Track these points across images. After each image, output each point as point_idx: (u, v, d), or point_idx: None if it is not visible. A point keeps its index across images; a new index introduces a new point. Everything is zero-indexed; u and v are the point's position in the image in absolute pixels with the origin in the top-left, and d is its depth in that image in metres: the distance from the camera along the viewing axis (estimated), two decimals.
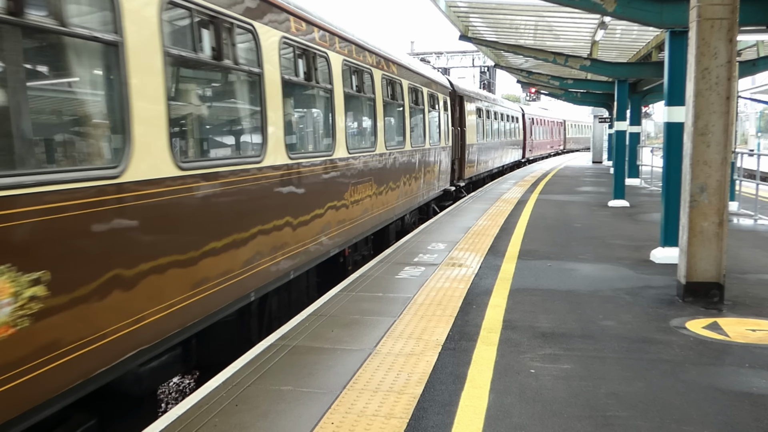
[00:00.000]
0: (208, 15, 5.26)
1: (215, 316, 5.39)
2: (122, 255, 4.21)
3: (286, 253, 6.80)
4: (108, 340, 4.06)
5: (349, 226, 8.91)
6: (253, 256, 6.03)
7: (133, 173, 4.31)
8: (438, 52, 49.63)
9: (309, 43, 7.43)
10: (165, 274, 4.65)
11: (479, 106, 22.75)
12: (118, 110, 4.27)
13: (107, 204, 4.07)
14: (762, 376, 4.80)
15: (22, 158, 3.59)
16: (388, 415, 4.11)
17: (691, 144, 6.89)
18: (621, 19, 10.35)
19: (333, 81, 8.20)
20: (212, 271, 5.29)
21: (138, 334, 4.34)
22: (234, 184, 5.66)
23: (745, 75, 17.57)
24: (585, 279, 7.93)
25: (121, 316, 4.18)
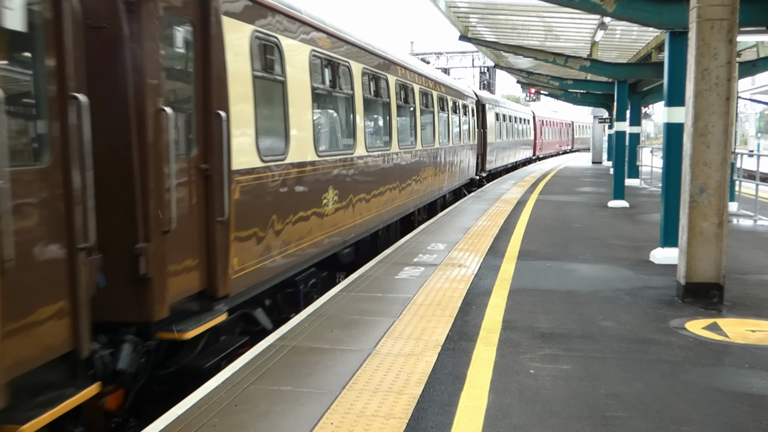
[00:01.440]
0: (330, 59, 8.34)
1: (367, 233, 10.01)
2: (315, 200, 7.72)
3: (394, 204, 11.44)
4: (331, 236, 8.26)
5: (416, 196, 13.24)
6: (384, 203, 10.72)
7: (291, 158, 7.00)
8: (438, 53, 49.65)
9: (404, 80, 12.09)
10: (341, 212, 8.58)
11: (497, 111, 26.92)
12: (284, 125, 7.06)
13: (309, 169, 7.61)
14: (761, 377, 4.80)
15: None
16: (388, 416, 4.11)
17: (691, 145, 6.89)
18: (621, 19, 10.36)
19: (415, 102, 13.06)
20: (364, 209, 9.61)
21: (339, 236, 8.51)
22: (362, 162, 9.57)
23: (745, 76, 17.61)
24: (584, 279, 7.93)
25: (337, 227, 8.45)
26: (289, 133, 7.00)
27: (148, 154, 4.68)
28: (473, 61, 49.01)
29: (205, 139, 5.44)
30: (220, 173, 5.47)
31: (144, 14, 4.62)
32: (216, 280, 5.48)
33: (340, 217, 8.57)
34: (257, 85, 6.23)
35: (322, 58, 8.00)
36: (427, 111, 14.19)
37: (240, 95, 5.90)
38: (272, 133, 6.79)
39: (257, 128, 6.24)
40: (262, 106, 6.44)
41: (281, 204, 6.78)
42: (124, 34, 4.59)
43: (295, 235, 7.09)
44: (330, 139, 8.71)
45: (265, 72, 6.45)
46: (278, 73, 6.77)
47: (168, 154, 4.83)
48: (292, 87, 7.06)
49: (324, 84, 8.22)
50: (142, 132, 4.67)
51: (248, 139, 6.10)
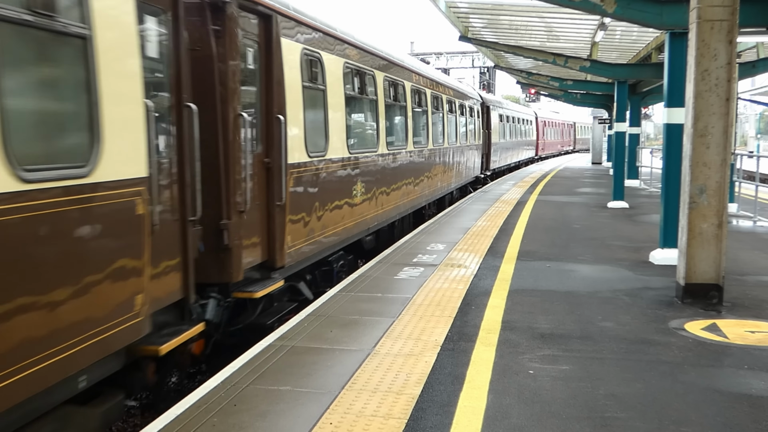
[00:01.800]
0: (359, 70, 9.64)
1: (386, 223, 11.20)
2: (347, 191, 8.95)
3: (409, 198, 12.71)
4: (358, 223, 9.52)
5: (428, 191, 14.41)
6: (401, 196, 12.04)
7: (329, 155, 8.29)
8: (438, 53, 49.62)
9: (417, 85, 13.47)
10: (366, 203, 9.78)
11: (500, 112, 28.20)
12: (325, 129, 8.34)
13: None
14: (761, 378, 4.80)
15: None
16: (387, 416, 4.11)
17: (691, 145, 6.89)
18: (621, 20, 10.35)
19: (427, 105, 14.27)
20: (384, 201, 10.82)
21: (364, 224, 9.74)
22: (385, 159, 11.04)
23: (745, 76, 17.60)
24: (584, 280, 7.93)
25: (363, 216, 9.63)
26: (328, 132, 8.30)
27: (229, 149, 5.82)
28: (473, 61, 48.99)
29: (267, 138, 6.70)
30: (279, 166, 6.73)
31: (227, 39, 5.79)
32: (274, 254, 6.79)
33: (366, 207, 9.89)
34: (305, 93, 7.50)
35: (352, 69, 9.31)
36: (437, 113, 15.51)
37: (293, 102, 7.13)
38: (316, 133, 7.97)
39: (305, 129, 7.50)
40: (309, 111, 7.67)
41: (322, 193, 8.09)
42: (213, 54, 5.74)
43: (331, 220, 8.40)
44: (358, 138, 9.87)
45: (311, 82, 7.73)
46: (320, 83, 8.08)
47: (243, 150, 6.04)
48: (330, 94, 8.37)
49: (354, 91, 9.45)
50: (225, 132, 5.79)
51: (299, 137, 7.36)
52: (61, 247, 3.72)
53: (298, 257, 7.35)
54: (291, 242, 7.08)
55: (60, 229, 3.72)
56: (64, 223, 3.74)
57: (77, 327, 3.85)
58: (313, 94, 7.87)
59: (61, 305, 3.71)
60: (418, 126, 13.60)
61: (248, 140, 6.19)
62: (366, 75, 9.98)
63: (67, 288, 3.75)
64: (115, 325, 4.21)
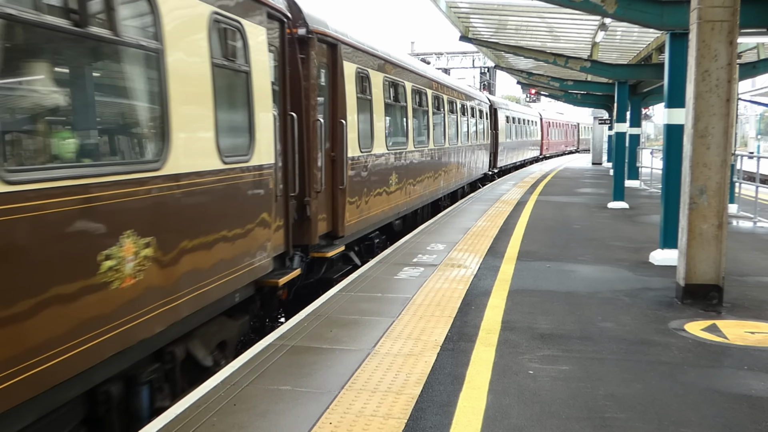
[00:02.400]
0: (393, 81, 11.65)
1: (411, 210, 13.09)
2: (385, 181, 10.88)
3: (429, 190, 14.49)
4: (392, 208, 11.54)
5: (444, 184, 16.41)
6: (423, 188, 13.90)
7: (374, 151, 10.28)
8: (438, 53, 49.63)
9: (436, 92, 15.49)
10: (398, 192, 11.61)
11: (507, 114, 30.41)
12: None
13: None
14: (760, 379, 4.80)
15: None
16: (387, 416, 4.11)
17: (691, 146, 6.89)
18: (622, 20, 10.35)
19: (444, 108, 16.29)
20: (411, 191, 12.68)
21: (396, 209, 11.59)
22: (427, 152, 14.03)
23: (746, 77, 17.60)
24: (584, 280, 7.93)
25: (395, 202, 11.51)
26: (373, 133, 10.31)
27: (311, 146, 7.89)
28: (473, 61, 49.00)
29: (333, 137, 8.72)
30: (342, 159, 8.79)
31: (309, 64, 7.87)
32: (337, 226, 8.88)
33: (398, 195, 11.93)
34: (358, 102, 9.52)
35: (389, 81, 11.37)
36: (451, 115, 17.49)
37: (350, 109, 9.13)
38: (365, 133, 9.94)
39: (358, 130, 9.51)
40: (360, 115, 9.66)
41: (369, 181, 10.14)
42: (300, 75, 7.73)
43: (374, 204, 10.44)
44: (393, 137, 11.84)
45: (361, 93, 9.75)
46: (367, 94, 10.08)
47: (320, 146, 8.04)
48: (374, 102, 10.41)
49: (390, 99, 11.47)
50: (309, 133, 7.84)
51: (354, 136, 9.33)
52: (238, 202, 5.75)
53: (351, 230, 9.38)
54: (348, 218, 9.15)
55: (237, 192, 5.73)
56: (239, 189, 5.75)
57: (241, 258, 5.77)
58: (363, 103, 9.86)
59: (238, 239, 5.67)
60: (436, 127, 15.50)
61: (322, 139, 8.09)
62: (399, 86, 12.09)
63: (240, 229, 5.72)
64: (257, 260, 6.11)
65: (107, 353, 4.04)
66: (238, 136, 5.85)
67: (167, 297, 4.64)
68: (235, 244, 5.64)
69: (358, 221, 9.56)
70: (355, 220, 9.46)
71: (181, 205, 4.83)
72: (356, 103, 9.36)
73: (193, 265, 4.97)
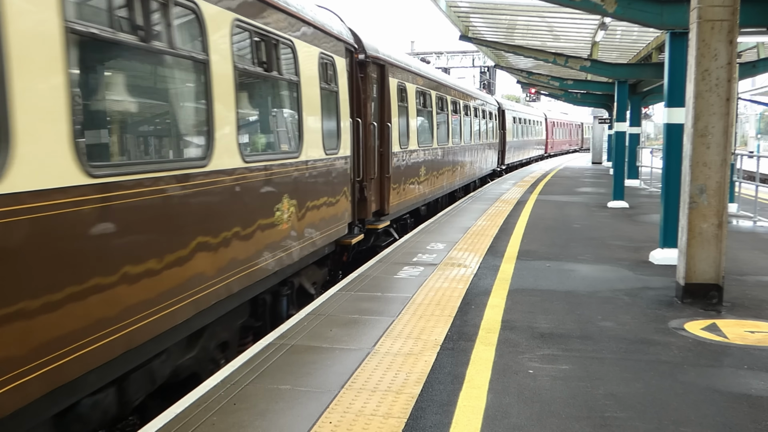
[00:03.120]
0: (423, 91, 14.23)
1: (434, 197, 15.44)
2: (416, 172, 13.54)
3: (448, 181, 16.98)
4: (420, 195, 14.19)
5: (459, 177, 18.83)
6: (444, 179, 16.40)
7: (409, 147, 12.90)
8: (438, 52, 49.60)
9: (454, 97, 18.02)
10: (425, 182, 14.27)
11: (514, 115, 33.34)
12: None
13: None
14: (760, 378, 4.80)
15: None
16: (386, 415, 4.11)
17: (691, 145, 6.89)
18: (621, 20, 10.34)
19: (460, 111, 18.72)
20: (434, 182, 15.16)
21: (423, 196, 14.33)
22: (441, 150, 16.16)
23: (745, 76, 17.58)
24: (584, 280, 7.93)
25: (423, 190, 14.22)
26: (409, 133, 12.92)
27: (368, 143, 10.25)
28: (473, 60, 48.96)
29: (381, 136, 10.97)
30: (388, 153, 11.14)
31: (366, 81, 10.20)
32: (384, 206, 11.25)
33: (425, 185, 14.37)
34: (398, 108, 12.07)
35: (419, 91, 13.87)
36: (466, 117, 19.91)
37: (393, 114, 11.62)
38: (403, 133, 12.49)
39: (399, 131, 12.08)
40: (400, 119, 12.21)
41: (405, 172, 12.66)
42: (359, 90, 10.01)
43: (409, 191, 12.96)
44: (422, 136, 14.25)
45: (400, 102, 12.24)
46: (405, 102, 12.58)
47: (372, 144, 10.43)
48: (410, 108, 12.93)
49: (420, 105, 13.90)
50: (366, 134, 10.09)
51: (395, 135, 11.80)
52: (333, 179, 8.30)
53: (393, 210, 11.81)
54: (391, 200, 11.57)
55: (333, 173, 8.28)
56: (334, 171, 8.30)
57: (333, 219, 8.30)
58: (401, 109, 12.33)
59: (332, 206, 8.21)
60: (453, 127, 17.87)
61: (374, 138, 10.55)
62: (426, 94, 14.56)
63: (334, 199, 8.31)
64: (340, 225, 8.65)
65: (271, 271, 6.42)
66: (333, 136, 8.39)
67: (300, 240, 7.16)
68: (330, 210, 8.24)
69: (397, 204, 12.14)
70: (396, 203, 11.99)
71: (307, 179, 7.44)
72: (397, 109, 11.94)
73: (311, 220, 7.52)
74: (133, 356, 4.33)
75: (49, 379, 3.51)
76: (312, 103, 7.54)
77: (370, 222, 10.62)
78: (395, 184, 11.76)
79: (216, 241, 5.34)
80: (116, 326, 4.06)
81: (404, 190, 12.52)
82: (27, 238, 3.35)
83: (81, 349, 3.74)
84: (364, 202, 10.08)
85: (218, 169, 5.36)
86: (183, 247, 4.83)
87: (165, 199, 4.64)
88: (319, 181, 7.79)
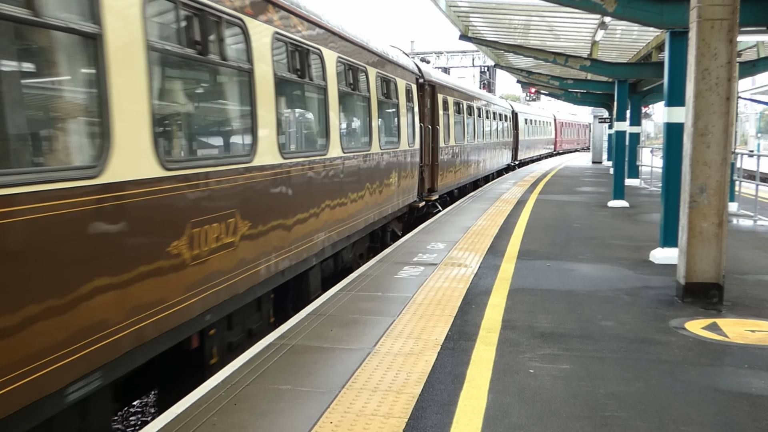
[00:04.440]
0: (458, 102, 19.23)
1: (464, 183, 20.57)
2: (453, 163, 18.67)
3: (474, 171, 21.98)
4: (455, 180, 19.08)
5: (482, 169, 23.37)
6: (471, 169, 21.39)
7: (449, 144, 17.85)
8: (438, 52, 49.63)
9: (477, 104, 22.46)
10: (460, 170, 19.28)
11: (525, 117, 37.51)
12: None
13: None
14: (761, 377, 4.80)
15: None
16: (387, 415, 4.11)
17: (691, 144, 6.88)
18: (621, 19, 10.35)
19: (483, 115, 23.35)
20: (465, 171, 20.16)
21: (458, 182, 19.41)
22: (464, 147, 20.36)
23: (745, 76, 17.59)
24: (584, 279, 7.93)
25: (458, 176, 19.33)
26: (449, 132, 17.14)
27: (423, 140, 14.24)
28: (473, 60, 49.01)
29: (432, 136, 15.12)
30: (437, 147, 15.50)
31: (424, 96, 14.49)
32: (434, 185, 15.35)
33: (459, 173, 18.94)
34: (443, 115, 16.12)
35: (456, 101, 18.11)
36: (487, 120, 24.34)
37: (439, 120, 15.72)
38: (445, 132, 16.59)
39: (443, 131, 16.05)
40: (444, 123, 16.31)
41: (447, 162, 16.91)
42: (421, 103, 14.09)
43: (448, 176, 17.13)
44: (458, 135, 18.62)
45: (444, 111, 16.37)
46: (447, 111, 16.76)
47: (427, 141, 15.04)
48: (450, 115, 17.12)
49: (456, 112, 18.19)
50: (424, 134, 14.36)
51: (443, 135, 16.11)
52: (410, 163, 12.70)
53: (439, 189, 15.96)
54: (439, 181, 15.81)
55: (411, 158, 12.74)
56: (411, 157, 12.78)
57: (410, 189, 12.84)
58: (445, 116, 16.55)
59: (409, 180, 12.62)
60: (478, 129, 22.32)
61: (429, 136, 14.71)
62: (460, 104, 18.94)
63: (411, 176, 12.83)
64: (412, 195, 13.14)
65: (385, 215, 10.89)
66: (412, 135, 12.95)
67: (397, 198, 11.59)
68: (409, 182, 12.63)
69: (442, 185, 16.34)
70: (441, 184, 16.12)
71: (402, 162, 11.90)
72: (442, 116, 16.19)
73: (401, 187, 11.69)
74: (348, 242, 9.15)
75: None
76: (404, 114, 12.37)
77: (426, 195, 15.00)
78: (441, 170, 16.13)
79: (380, 189, 10.53)
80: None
81: (446, 175, 16.92)
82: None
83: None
84: (422, 181, 14.37)
85: (377, 152, 10.29)
86: (361, 189, 9.45)
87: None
88: (407, 162, 12.55)
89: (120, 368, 4.09)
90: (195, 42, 4.96)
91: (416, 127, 13.25)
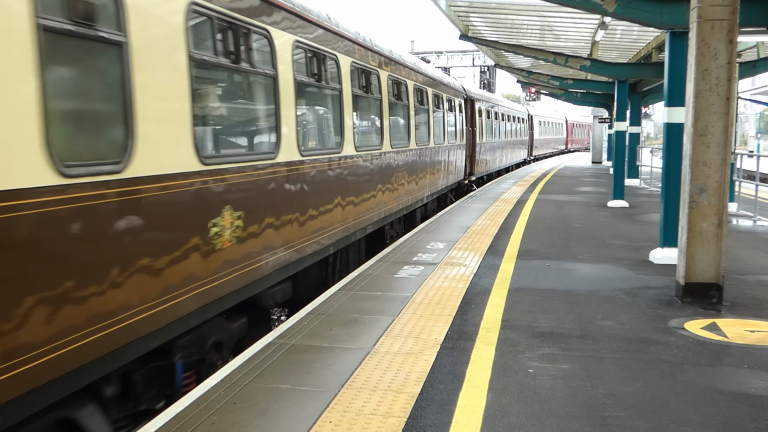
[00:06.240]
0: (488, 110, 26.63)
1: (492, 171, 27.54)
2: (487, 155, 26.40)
3: (500, 164, 29.01)
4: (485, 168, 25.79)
5: (504, 162, 30.09)
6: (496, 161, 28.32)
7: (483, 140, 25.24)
8: (438, 52, 49.65)
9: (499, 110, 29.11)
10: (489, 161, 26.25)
11: (540, 119, 43.75)
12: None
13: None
14: (760, 377, 4.80)
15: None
16: (386, 414, 4.11)
17: (691, 145, 6.89)
18: (621, 19, 10.34)
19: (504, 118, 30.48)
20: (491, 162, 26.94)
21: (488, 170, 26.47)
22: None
23: (745, 76, 17.59)
24: (584, 279, 7.94)
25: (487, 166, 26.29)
26: (483, 132, 23.56)
27: (465, 138, 20.51)
28: (473, 60, 49.04)
29: (472, 135, 21.99)
30: (475, 143, 22.30)
31: (467, 107, 21.57)
32: (473, 170, 22.11)
33: (489, 163, 25.23)
34: (480, 120, 23.02)
35: (486, 109, 24.09)
36: (508, 122, 30.33)
37: (478, 123, 22.74)
38: (480, 132, 22.83)
39: (479, 130, 22.73)
40: (480, 124, 23.03)
41: (482, 154, 23.61)
42: (465, 113, 20.67)
43: (481, 165, 23.46)
44: (487, 134, 24.25)
45: (479, 116, 22.79)
46: (481, 117, 23.12)
47: (470, 139, 21.68)
48: (483, 119, 23.50)
49: (486, 117, 23.97)
50: (466, 134, 20.79)
51: (479, 133, 22.86)
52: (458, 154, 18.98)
53: (476, 173, 22.10)
54: (476, 168, 22.22)
55: (458, 150, 18.94)
56: (459, 150, 19.11)
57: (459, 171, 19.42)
58: (480, 120, 22.47)
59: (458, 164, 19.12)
60: (501, 129, 28.17)
61: (470, 135, 21.36)
62: (489, 111, 24.51)
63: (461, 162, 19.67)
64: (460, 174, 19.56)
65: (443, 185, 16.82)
66: (460, 135, 18.89)
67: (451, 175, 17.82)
68: (458, 167, 18.71)
69: (478, 171, 22.33)
70: (477, 171, 22.23)
71: (447, 156, 17.06)
72: (479, 121, 22.07)
73: (449, 173, 17.25)
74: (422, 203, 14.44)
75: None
76: (459, 121, 18.62)
77: (467, 177, 20.84)
78: (478, 159, 22.20)
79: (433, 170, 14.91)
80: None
81: (480, 164, 22.85)
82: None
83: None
84: (466, 168, 20.18)
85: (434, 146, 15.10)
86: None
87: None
88: (457, 154, 18.39)
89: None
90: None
91: (464, 130, 20.02)
